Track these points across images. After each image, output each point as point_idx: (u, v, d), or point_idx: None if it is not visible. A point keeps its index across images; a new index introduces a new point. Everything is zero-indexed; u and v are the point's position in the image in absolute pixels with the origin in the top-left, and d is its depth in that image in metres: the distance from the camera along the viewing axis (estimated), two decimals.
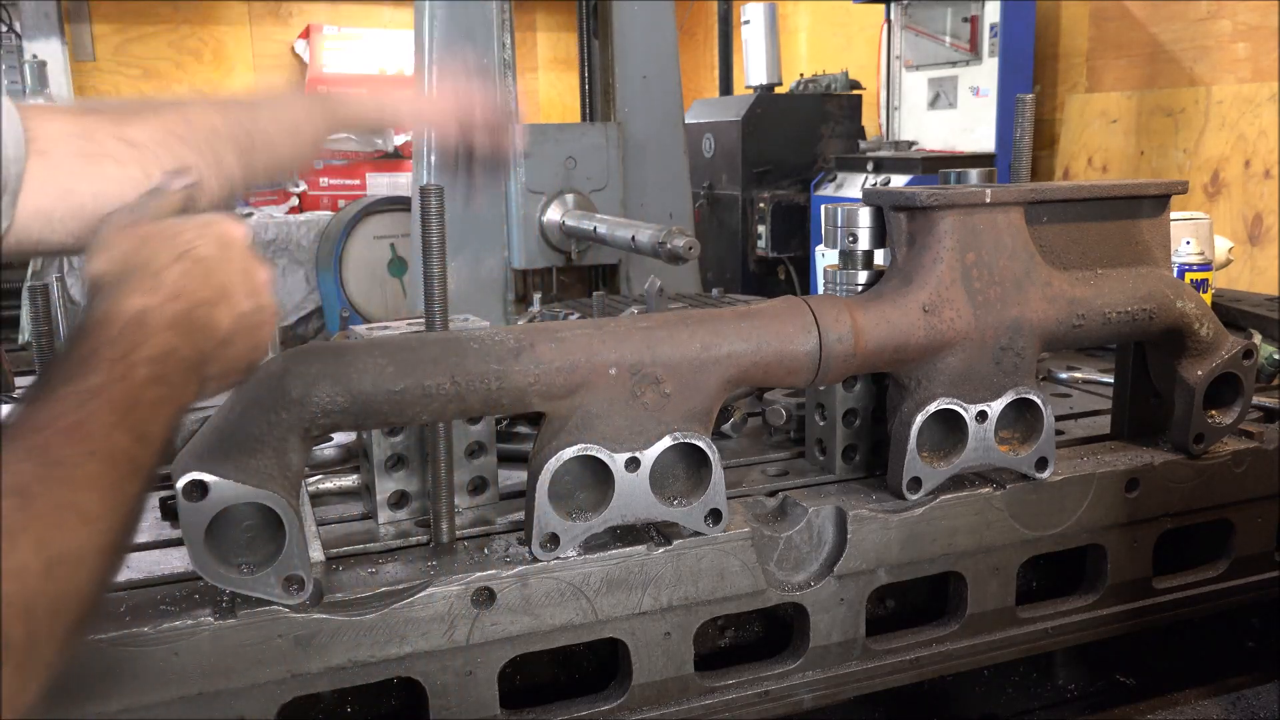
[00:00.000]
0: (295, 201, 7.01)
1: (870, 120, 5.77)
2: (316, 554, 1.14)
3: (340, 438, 1.46)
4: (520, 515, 1.25)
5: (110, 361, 0.75)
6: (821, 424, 1.43)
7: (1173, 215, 1.50)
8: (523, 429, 1.60)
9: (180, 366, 0.81)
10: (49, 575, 0.65)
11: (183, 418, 0.83)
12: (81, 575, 0.69)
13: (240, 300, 0.88)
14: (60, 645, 0.67)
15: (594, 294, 2.17)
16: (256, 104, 1.30)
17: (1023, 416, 1.35)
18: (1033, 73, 4.94)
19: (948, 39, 5.11)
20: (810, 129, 5.44)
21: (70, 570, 0.68)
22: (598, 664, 1.33)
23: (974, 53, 4.96)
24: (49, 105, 1.28)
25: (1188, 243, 1.97)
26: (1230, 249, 2.26)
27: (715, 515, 1.19)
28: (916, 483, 1.30)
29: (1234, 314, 2.02)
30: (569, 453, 1.11)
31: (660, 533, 1.20)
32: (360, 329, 1.30)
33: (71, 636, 0.69)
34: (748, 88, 5.88)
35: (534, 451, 1.15)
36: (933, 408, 1.29)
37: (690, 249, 2.31)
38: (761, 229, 5.28)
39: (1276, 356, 1.79)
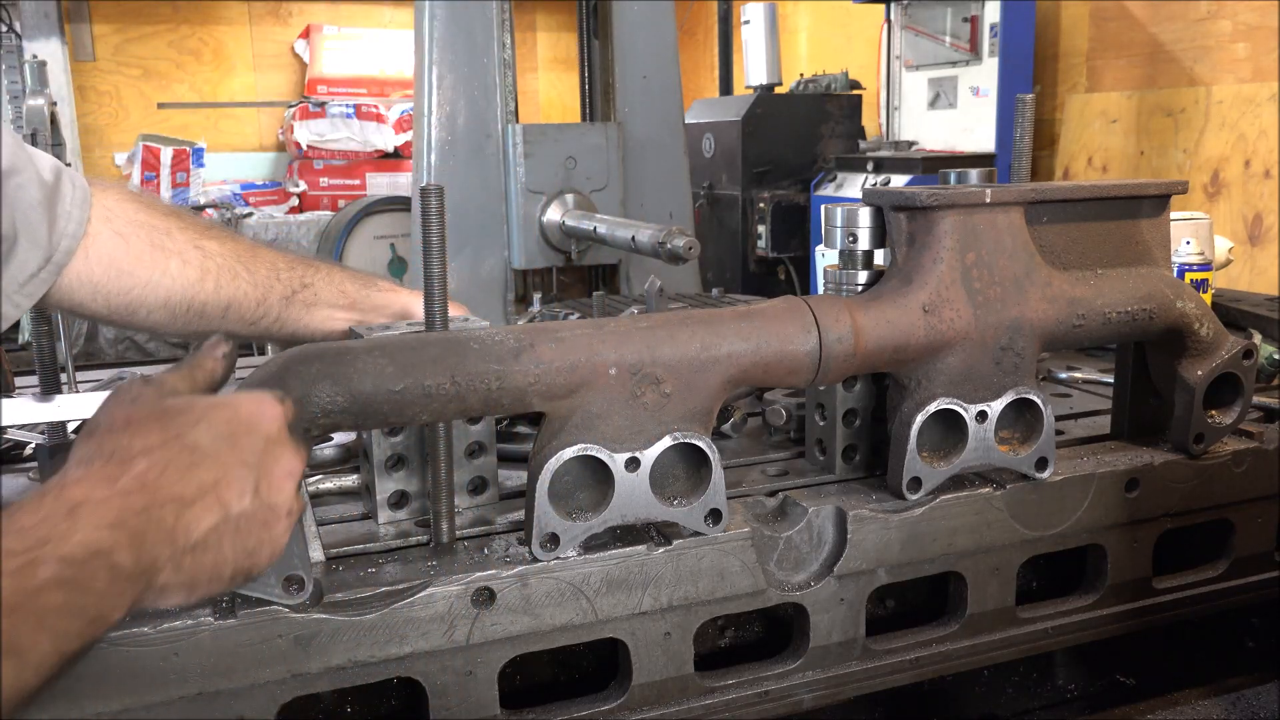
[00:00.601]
0: (295, 201, 7.01)
1: (870, 120, 5.77)
2: (316, 554, 1.14)
3: (340, 438, 1.46)
4: (520, 515, 1.26)
5: (9, 553, 0.64)
6: (821, 424, 1.43)
7: (1173, 215, 1.50)
8: (523, 429, 1.60)
9: (109, 573, 0.68)
10: None
11: (100, 632, 0.70)
12: None
13: (233, 498, 0.77)
14: None
15: (594, 294, 2.17)
16: (322, 266, 1.42)
17: (1023, 416, 1.35)
18: (1033, 73, 4.95)
19: (948, 39, 5.11)
20: (810, 129, 5.45)
21: None
22: (598, 664, 1.33)
23: (974, 53, 4.96)
24: (142, 195, 1.36)
25: (1188, 243, 1.97)
26: (1230, 249, 2.26)
27: (715, 515, 1.19)
28: (916, 483, 1.30)
29: (1234, 314, 2.02)
30: (569, 453, 1.12)
31: (660, 533, 1.20)
32: (360, 329, 1.30)
33: None
34: (748, 88, 5.89)
35: (534, 451, 1.15)
36: (933, 408, 1.29)
37: (690, 249, 2.31)
38: (761, 229, 5.28)
39: (1276, 356, 1.79)
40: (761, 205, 5.26)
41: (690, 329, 1.18)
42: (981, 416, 1.31)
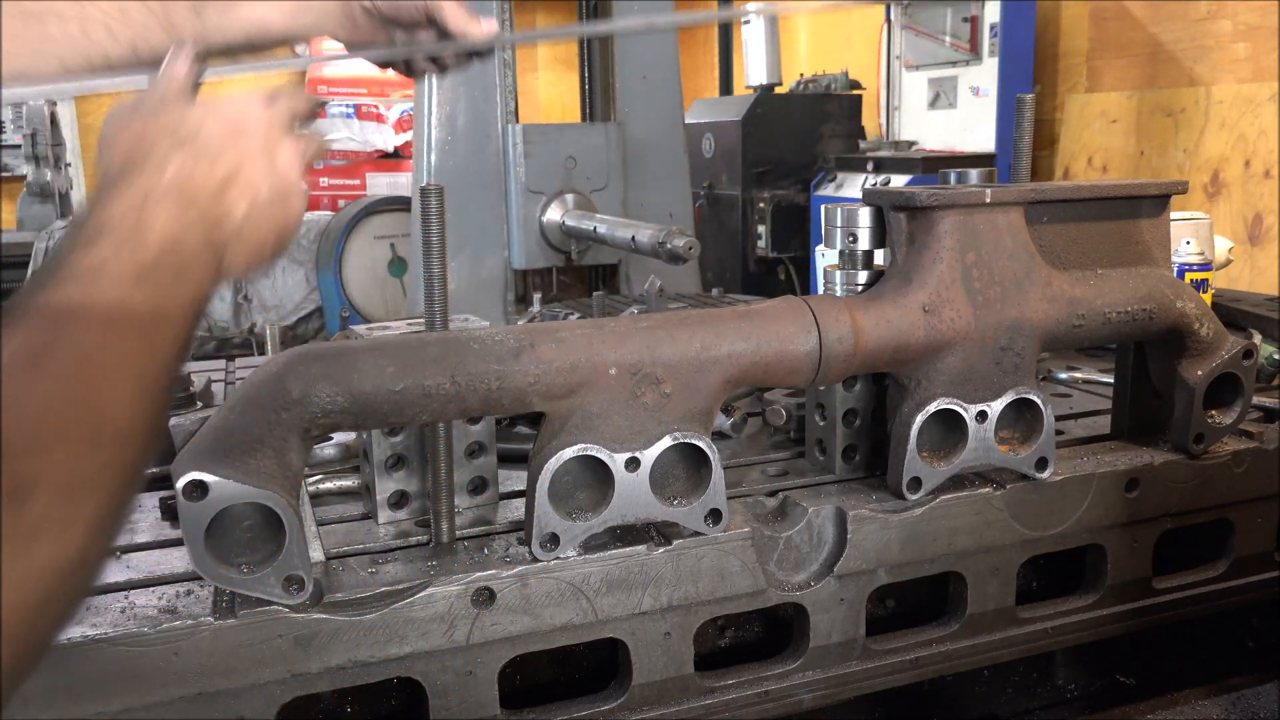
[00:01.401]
0: None
1: (870, 120, 5.77)
2: (316, 554, 1.14)
3: (340, 438, 1.46)
4: (520, 515, 1.26)
5: (119, 239, 0.74)
6: (821, 424, 1.43)
7: (1173, 215, 1.50)
8: (523, 429, 1.60)
9: (192, 249, 0.79)
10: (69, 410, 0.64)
11: (204, 305, 0.80)
12: (84, 425, 0.67)
13: (255, 181, 0.85)
14: (64, 470, 0.64)
15: (594, 294, 2.17)
16: None
17: (1023, 416, 1.35)
18: (1033, 73, 4.95)
19: (948, 39, 5.12)
20: (810, 129, 5.45)
21: (84, 414, 0.66)
22: (598, 664, 1.33)
23: (974, 53, 4.96)
24: None
25: (1188, 243, 1.97)
26: (1230, 249, 2.26)
27: (715, 515, 1.19)
28: (916, 483, 1.30)
29: (1234, 314, 2.02)
30: (569, 453, 1.12)
31: (660, 533, 1.20)
32: (360, 329, 1.30)
33: (76, 464, 0.65)
34: (748, 88, 5.89)
35: (534, 451, 1.15)
36: (933, 408, 1.29)
37: (690, 249, 2.31)
38: (761, 229, 5.28)
39: (1276, 356, 1.79)
40: (761, 205, 5.26)
41: (690, 329, 1.18)
42: (981, 416, 1.31)
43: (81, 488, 0.64)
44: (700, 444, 1.16)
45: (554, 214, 3.13)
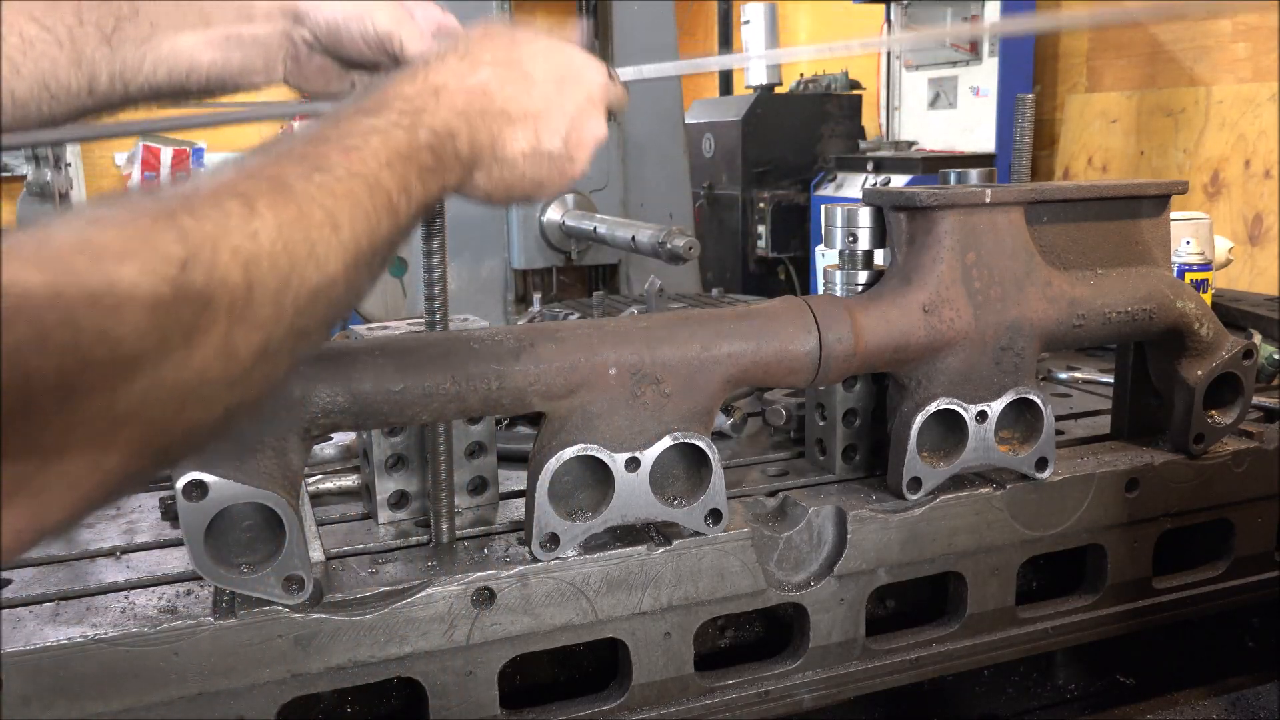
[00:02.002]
0: None
1: (870, 120, 5.77)
2: (316, 554, 1.15)
3: (340, 438, 1.46)
4: (520, 515, 1.26)
5: (400, 112, 0.75)
6: (821, 424, 1.43)
7: (1173, 215, 1.50)
8: (523, 429, 1.60)
9: (454, 152, 0.79)
10: (285, 249, 0.63)
11: (440, 199, 0.81)
12: (316, 272, 0.66)
13: (545, 135, 0.84)
14: (279, 320, 0.64)
15: (594, 294, 2.17)
16: None
17: (1023, 416, 1.35)
18: (1033, 73, 4.95)
19: (948, 39, 5.11)
20: (810, 129, 5.45)
21: (306, 260, 0.65)
22: (598, 664, 1.33)
23: (974, 53, 4.96)
24: None
25: (1188, 243, 1.97)
26: (1230, 249, 2.26)
27: (715, 515, 1.19)
28: (916, 483, 1.30)
29: (1234, 314, 2.02)
30: (569, 453, 1.12)
31: (660, 533, 1.20)
32: (360, 329, 1.30)
33: (296, 322, 0.65)
34: (748, 88, 5.88)
35: (534, 451, 1.15)
36: (933, 408, 1.29)
37: (690, 249, 2.31)
38: (761, 229, 5.28)
39: (1276, 356, 1.79)
40: (761, 205, 5.26)
41: (690, 329, 1.18)
42: (981, 416, 1.31)
43: (250, 325, 0.62)
44: (700, 444, 1.16)
45: (554, 214, 3.13)
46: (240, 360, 0.61)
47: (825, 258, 1.65)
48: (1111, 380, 1.64)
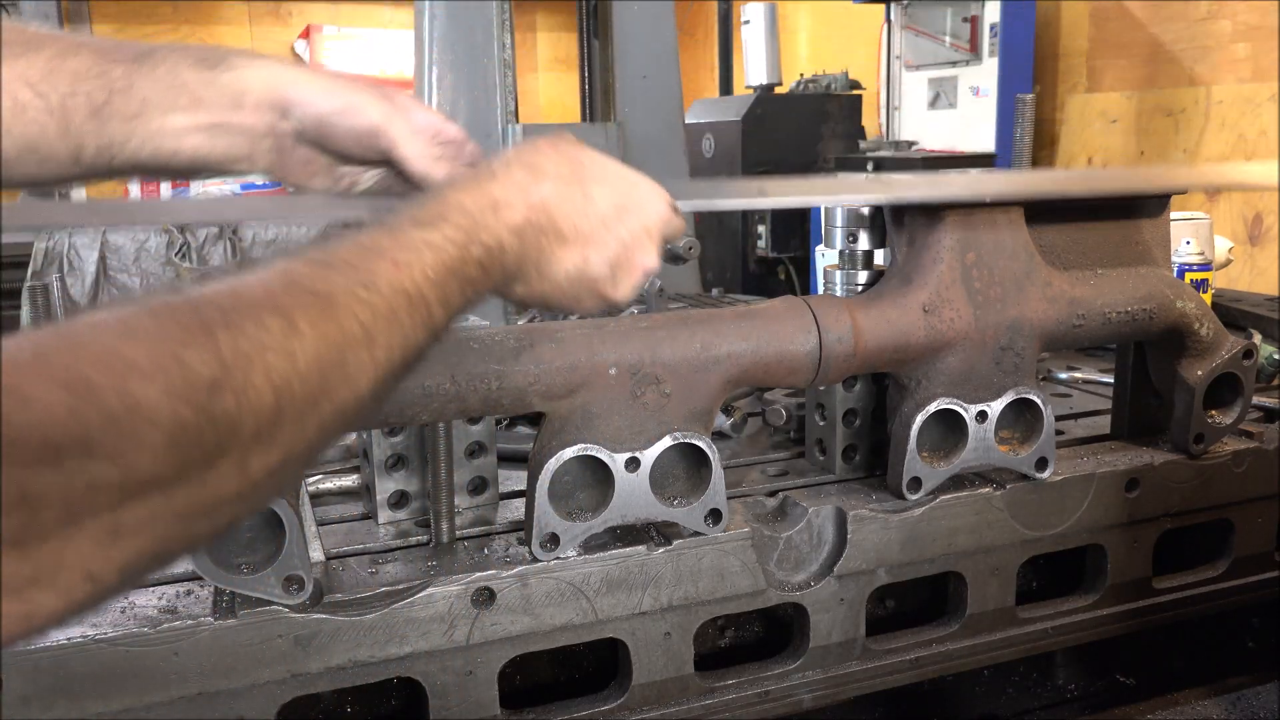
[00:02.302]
0: None
1: (870, 120, 5.77)
2: (316, 554, 1.14)
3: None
4: (520, 515, 1.26)
5: (456, 227, 0.76)
6: (821, 424, 1.43)
7: (1173, 215, 1.50)
8: (523, 429, 1.60)
9: (501, 266, 0.79)
10: (319, 369, 0.62)
11: (472, 304, 0.81)
12: (346, 391, 0.65)
13: (594, 260, 0.84)
14: (301, 440, 0.62)
15: None
16: (159, 52, 0.95)
17: (1023, 416, 1.35)
18: (1033, 73, 4.94)
19: (948, 39, 5.11)
20: (810, 129, 5.44)
21: (338, 380, 0.64)
22: (598, 664, 1.33)
23: (974, 53, 4.96)
24: None
25: (1188, 243, 1.97)
26: (1230, 249, 2.26)
27: (715, 515, 1.19)
28: (916, 483, 1.30)
29: (1234, 314, 2.01)
30: (569, 453, 1.12)
31: (660, 533, 1.20)
32: None
33: (316, 439, 0.64)
34: (748, 88, 5.88)
35: (534, 451, 1.15)
36: (933, 408, 1.29)
37: (690, 249, 2.30)
38: (761, 229, 5.27)
39: (1276, 356, 1.79)
40: None
41: (690, 329, 1.18)
42: (981, 416, 1.31)
43: (274, 443, 0.60)
44: (700, 444, 1.16)
45: None
46: (254, 479, 0.59)
47: (825, 258, 1.65)
48: (1111, 380, 1.64)
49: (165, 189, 6.44)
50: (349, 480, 1.38)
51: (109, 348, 0.52)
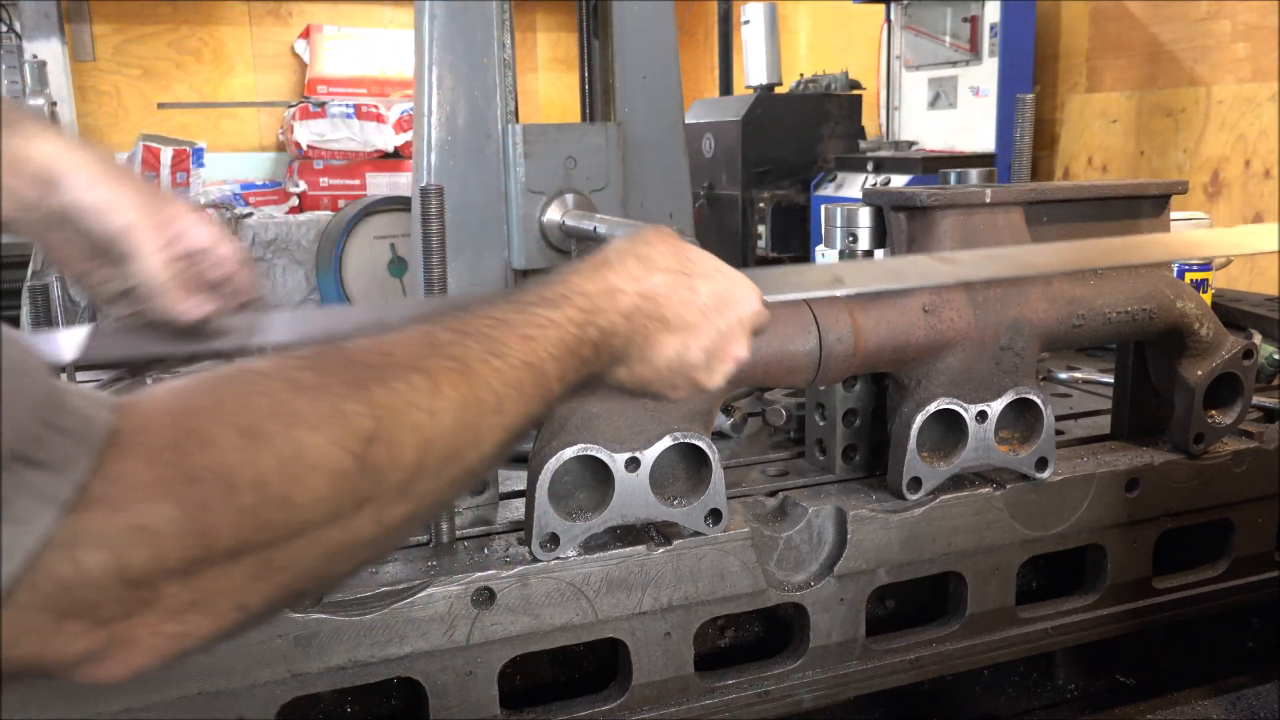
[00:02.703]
0: (295, 201, 7.01)
1: (870, 120, 5.76)
2: None
3: None
4: (520, 515, 1.26)
5: (578, 309, 0.81)
6: (821, 424, 1.43)
7: (1173, 215, 1.50)
8: None
9: (609, 348, 0.84)
10: (455, 431, 0.67)
11: (583, 384, 0.86)
12: (474, 454, 0.69)
13: (693, 348, 0.88)
14: (433, 496, 0.67)
15: None
16: None
17: (1023, 416, 1.35)
18: (1033, 73, 4.94)
19: (948, 39, 5.11)
20: (810, 129, 5.43)
21: (470, 443, 0.68)
22: (598, 664, 1.33)
23: (974, 53, 4.96)
24: None
25: None
26: None
27: (715, 515, 1.19)
28: (916, 483, 1.30)
29: (1234, 314, 2.01)
30: (569, 453, 1.12)
31: (660, 533, 1.20)
32: None
33: (443, 496, 0.69)
34: (748, 88, 5.88)
35: (534, 451, 1.15)
36: (933, 408, 1.28)
37: None
38: (761, 229, 5.27)
39: (1276, 356, 1.79)
40: (761, 205, 5.25)
41: None
42: (981, 416, 1.31)
43: (410, 498, 0.65)
44: (700, 444, 1.16)
45: (554, 214, 3.13)
46: (388, 528, 0.64)
47: (825, 258, 1.65)
48: (1111, 380, 1.64)
49: (165, 188, 6.43)
50: None
51: (279, 399, 0.58)
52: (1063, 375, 1.95)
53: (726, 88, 6.35)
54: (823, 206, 1.42)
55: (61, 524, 0.48)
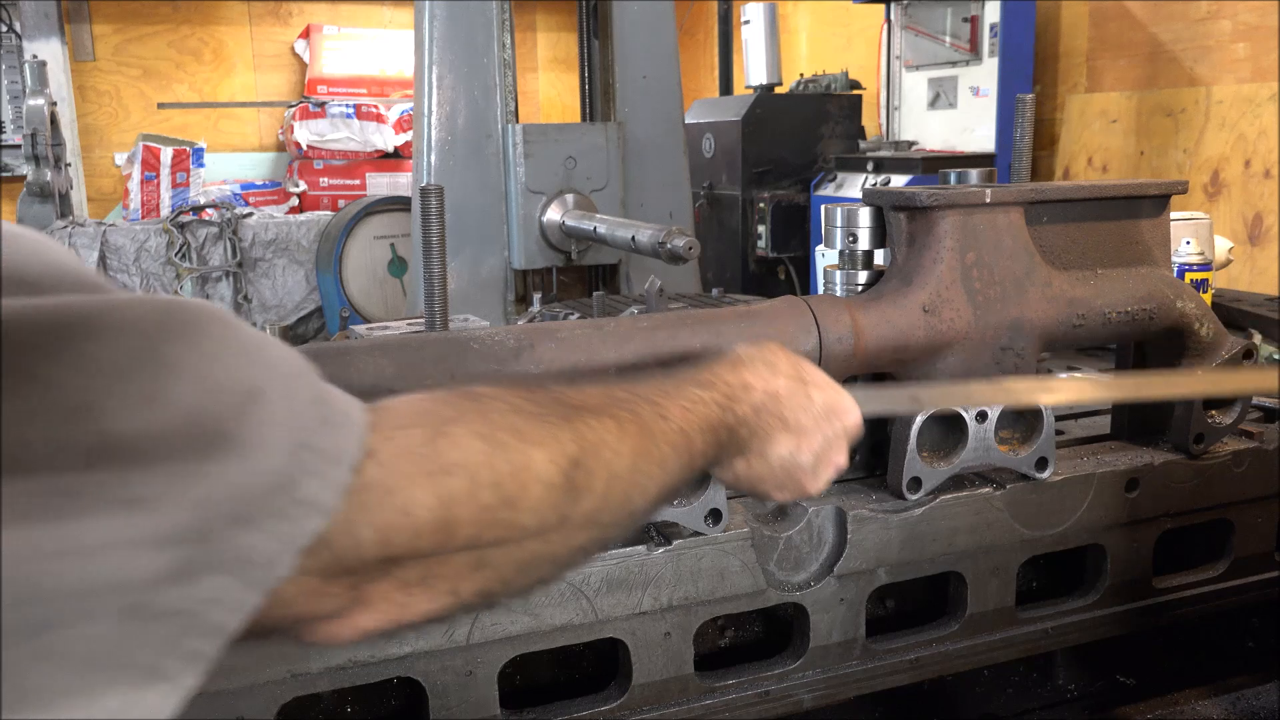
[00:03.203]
0: (295, 201, 7.01)
1: (870, 120, 5.77)
2: None
3: None
4: None
5: (722, 394, 0.90)
6: None
7: (1173, 215, 1.50)
8: None
9: (737, 439, 0.92)
10: (630, 474, 0.75)
11: (710, 470, 0.95)
12: (640, 499, 0.77)
13: (803, 451, 0.96)
14: (608, 527, 0.75)
15: (594, 294, 2.17)
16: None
17: (1023, 416, 1.35)
18: (1033, 73, 4.94)
19: (948, 39, 5.11)
20: (810, 129, 5.44)
21: (637, 488, 0.77)
22: (598, 664, 1.33)
23: (974, 53, 4.96)
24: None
25: (1188, 243, 1.97)
26: (1230, 249, 2.26)
27: (715, 515, 1.19)
28: (916, 483, 1.30)
29: (1234, 314, 2.01)
30: None
31: (660, 533, 1.20)
32: (360, 329, 1.30)
33: (609, 534, 0.76)
34: (748, 88, 5.88)
35: None
36: (933, 408, 1.28)
37: (690, 249, 2.31)
38: (761, 229, 5.27)
39: (1276, 356, 1.79)
40: (761, 205, 5.26)
41: (690, 329, 1.18)
42: (981, 416, 1.31)
43: (588, 535, 0.73)
44: None
45: (554, 214, 3.13)
46: (570, 552, 0.73)
47: (825, 258, 1.65)
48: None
49: (165, 191, 6.43)
50: None
51: (508, 418, 0.68)
52: (1063, 375, 1.95)
53: (726, 88, 6.35)
54: (823, 206, 1.42)
55: (342, 504, 0.55)
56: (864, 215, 1.36)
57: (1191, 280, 1.94)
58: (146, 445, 0.47)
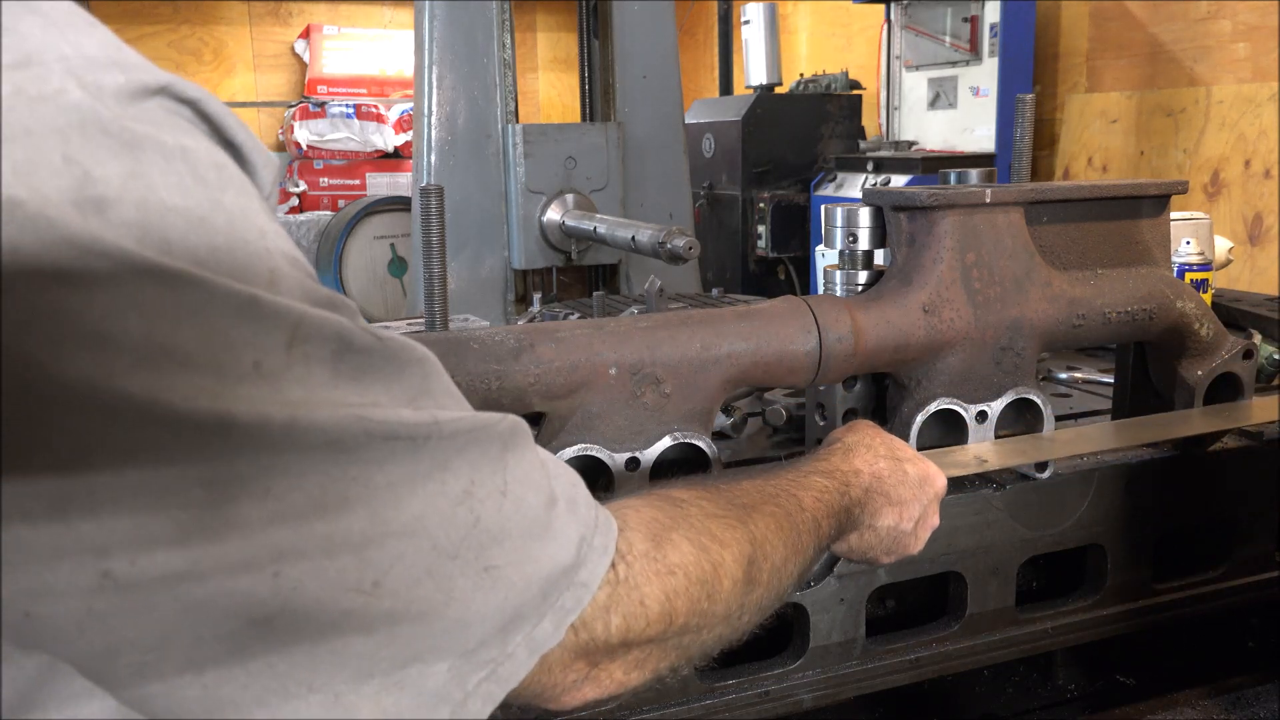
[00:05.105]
0: (295, 202, 7.01)
1: (870, 120, 5.77)
2: None
3: None
4: None
5: (841, 482, 1.01)
6: (821, 424, 1.43)
7: (1173, 215, 1.50)
8: None
9: (852, 517, 1.02)
10: (782, 565, 0.86)
11: (832, 545, 1.04)
12: (788, 584, 0.89)
13: (905, 519, 1.06)
14: (761, 612, 0.86)
15: (594, 294, 2.17)
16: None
17: (1023, 416, 1.35)
18: (1033, 73, 4.94)
19: (948, 39, 5.11)
20: (810, 129, 5.44)
21: (782, 577, 0.87)
22: None
23: (974, 53, 4.96)
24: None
25: (1188, 243, 1.97)
26: (1230, 249, 2.26)
27: None
28: None
29: (1234, 314, 2.01)
30: (569, 453, 1.12)
31: None
32: None
33: (755, 619, 0.86)
34: (748, 88, 5.88)
35: None
36: (933, 408, 1.28)
37: (690, 249, 2.31)
38: (761, 229, 5.27)
39: (1276, 356, 1.79)
40: (761, 205, 5.25)
41: (690, 329, 1.18)
42: (981, 417, 1.31)
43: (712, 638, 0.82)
44: (700, 444, 1.16)
45: (554, 214, 3.13)
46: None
47: (825, 258, 1.65)
48: (1111, 380, 1.64)
49: None
50: None
51: (704, 523, 0.79)
52: (1063, 375, 1.95)
53: (726, 88, 6.35)
54: (823, 206, 1.42)
55: (605, 593, 0.67)
56: (864, 215, 1.36)
57: (1191, 280, 1.94)
58: (499, 532, 0.60)
